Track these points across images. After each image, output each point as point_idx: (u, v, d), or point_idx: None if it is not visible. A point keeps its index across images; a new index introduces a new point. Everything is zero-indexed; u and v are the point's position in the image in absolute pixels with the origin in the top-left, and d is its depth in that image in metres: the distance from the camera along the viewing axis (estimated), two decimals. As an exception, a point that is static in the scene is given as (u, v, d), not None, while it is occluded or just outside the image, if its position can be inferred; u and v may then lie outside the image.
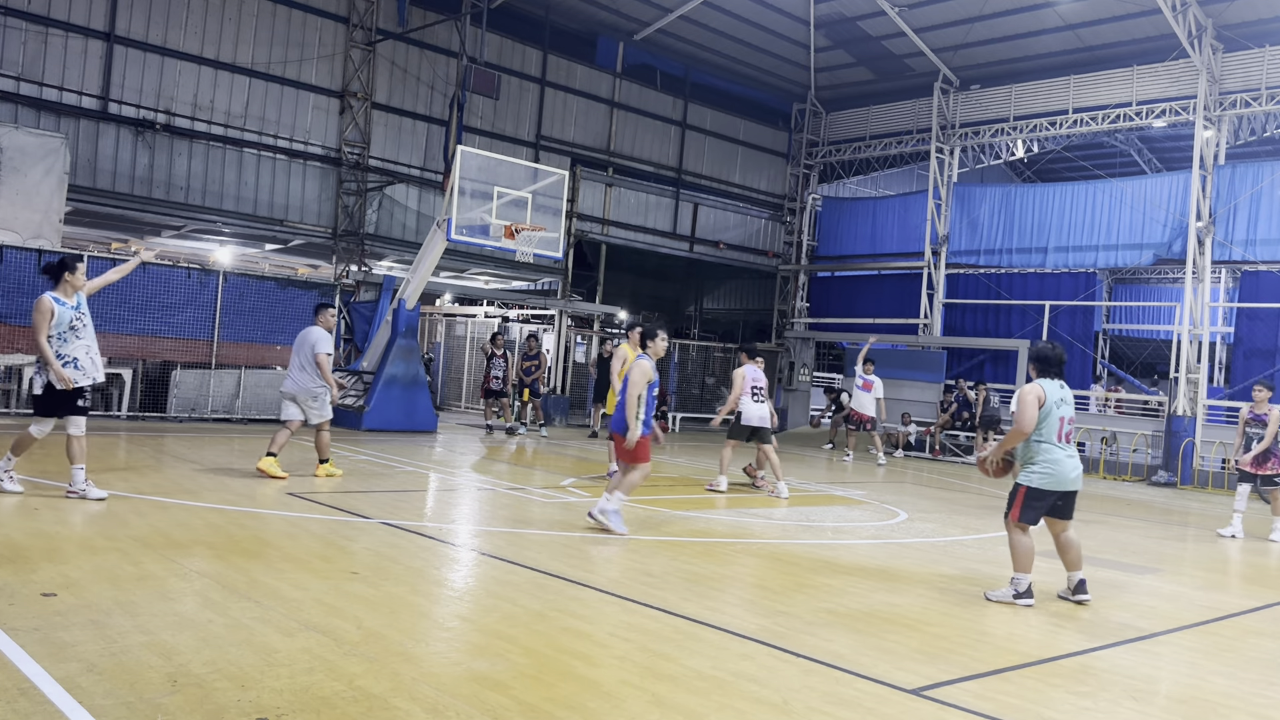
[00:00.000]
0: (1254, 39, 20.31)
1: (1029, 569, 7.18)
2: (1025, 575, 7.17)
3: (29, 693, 3.95)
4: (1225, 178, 20.54)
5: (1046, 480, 7.16)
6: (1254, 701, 5.23)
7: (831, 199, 29.57)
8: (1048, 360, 7.41)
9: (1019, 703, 4.85)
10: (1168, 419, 19.87)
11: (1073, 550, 7.35)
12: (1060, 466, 7.16)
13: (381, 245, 21.88)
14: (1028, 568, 7.18)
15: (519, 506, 10.17)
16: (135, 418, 15.57)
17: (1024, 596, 7.17)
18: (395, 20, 21.35)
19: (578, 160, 24.44)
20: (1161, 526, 12.87)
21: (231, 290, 16.51)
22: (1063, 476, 7.17)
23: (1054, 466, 7.15)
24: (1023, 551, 7.19)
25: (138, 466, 10.68)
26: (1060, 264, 23.34)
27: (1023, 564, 7.18)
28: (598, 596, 6.33)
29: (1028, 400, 7.17)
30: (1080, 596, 7.28)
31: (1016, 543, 7.24)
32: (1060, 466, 7.16)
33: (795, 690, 4.76)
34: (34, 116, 17.33)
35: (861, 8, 23.23)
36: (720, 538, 9.03)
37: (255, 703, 4.04)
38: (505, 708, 4.22)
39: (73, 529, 7.09)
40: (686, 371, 27.58)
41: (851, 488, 14.37)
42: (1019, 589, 7.17)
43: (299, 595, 5.75)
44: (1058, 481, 7.17)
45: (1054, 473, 7.15)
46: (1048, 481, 7.16)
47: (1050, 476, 7.15)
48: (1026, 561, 7.17)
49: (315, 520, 8.28)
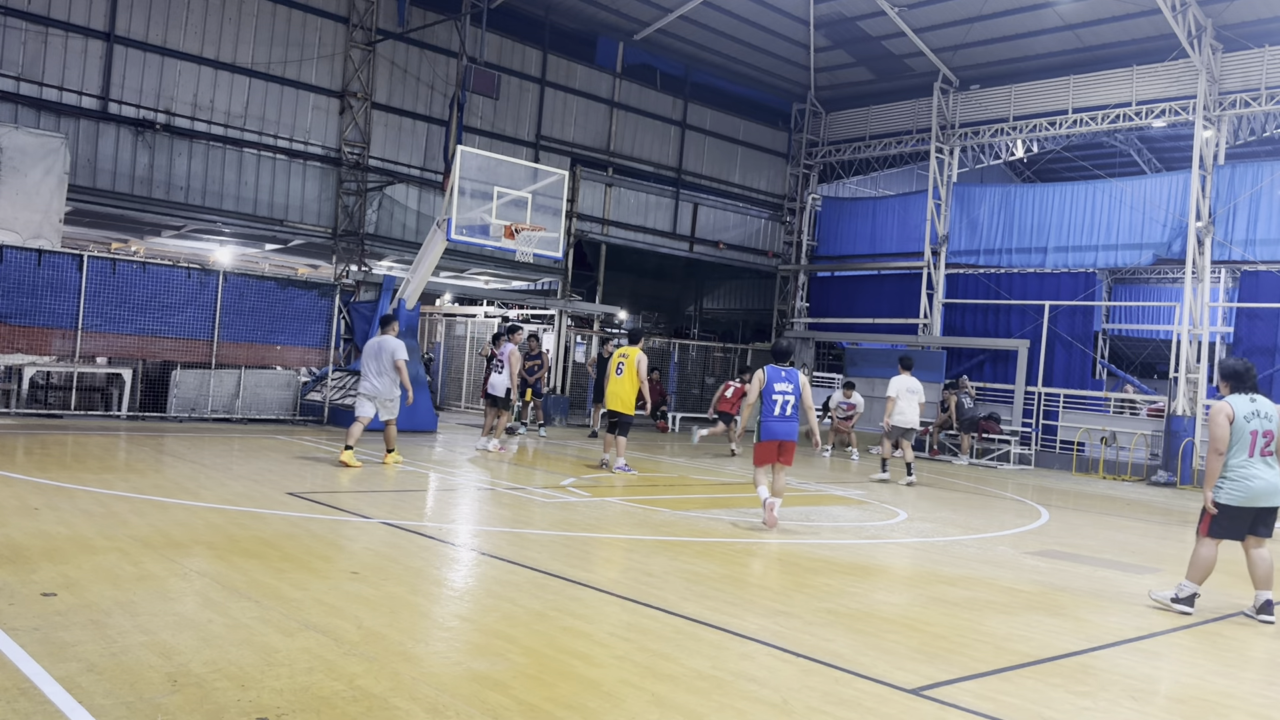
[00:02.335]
0: (1254, 39, 20.30)
1: (1199, 580, 7.19)
2: (1192, 584, 7.18)
3: (29, 693, 3.95)
4: (1225, 178, 20.54)
5: (1235, 497, 7.10)
6: (1254, 701, 5.23)
7: (831, 199, 29.57)
8: (1238, 375, 7.33)
9: (1019, 703, 4.85)
10: (1167, 419, 19.87)
11: (1261, 567, 7.25)
12: (1253, 483, 7.08)
13: (381, 245, 21.87)
14: (1198, 579, 7.18)
15: (519, 506, 10.17)
16: (135, 418, 15.57)
17: (1181, 603, 7.19)
18: (395, 20, 21.35)
19: (578, 160, 24.44)
20: (1161, 526, 12.88)
21: (231, 290, 16.51)
22: (1255, 492, 7.09)
23: (1246, 482, 7.07)
24: (1198, 562, 7.19)
25: (138, 466, 10.68)
26: (1060, 264, 23.34)
27: (1194, 574, 7.20)
28: (598, 596, 6.34)
29: (1218, 420, 7.12)
30: (1264, 617, 7.14)
31: (1196, 552, 7.24)
32: (1253, 483, 7.08)
33: (795, 690, 4.76)
34: (34, 116, 17.33)
35: (861, 8, 23.23)
36: (720, 538, 9.03)
37: (255, 702, 4.04)
38: (505, 708, 4.22)
39: (73, 529, 7.09)
40: (686, 371, 27.58)
41: (851, 488, 14.37)
42: (1179, 594, 7.22)
43: (299, 595, 5.75)
44: (1250, 497, 7.09)
45: (1246, 489, 7.07)
46: (1237, 498, 7.09)
47: (1241, 493, 7.08)
48: (1198, 573, 7.18)
49: (315, 520, 8.28)
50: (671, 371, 26.70)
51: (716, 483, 13.70)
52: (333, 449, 13.61)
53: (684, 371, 27.39)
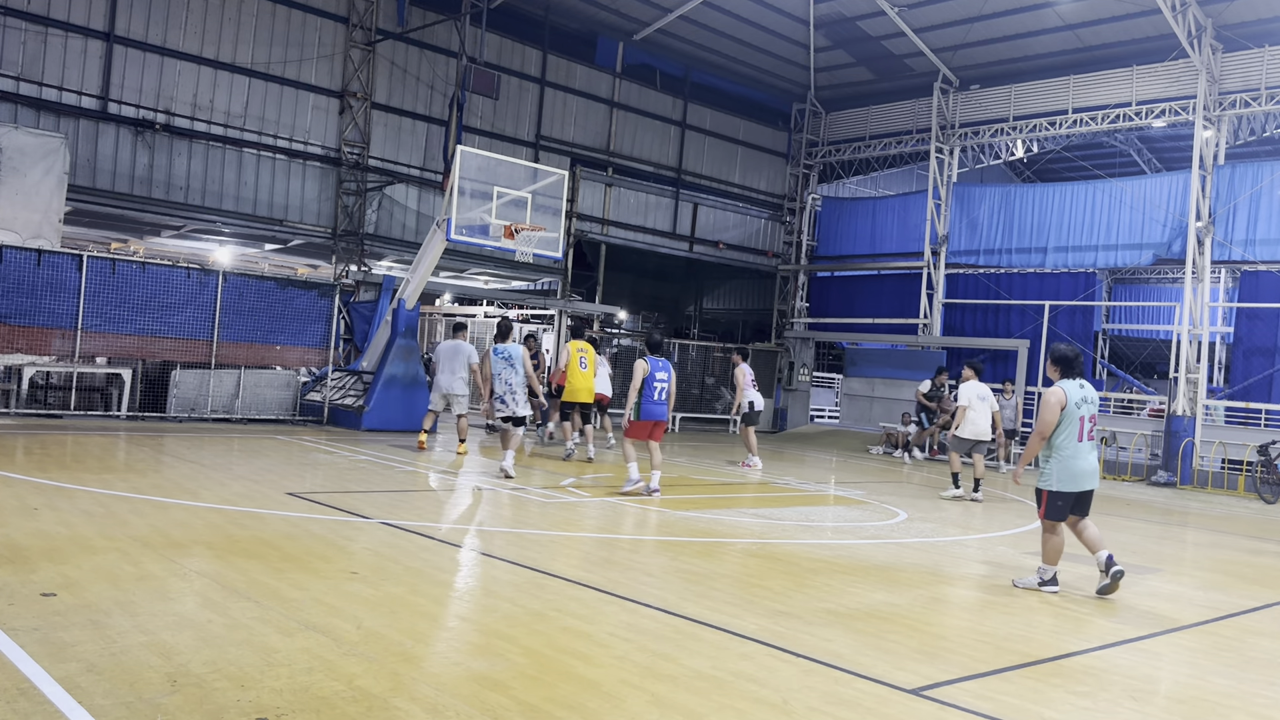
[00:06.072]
0: (1254, 39, 20.30)
1: (1055, 563, 7.50)
2: (1051, 567, 7.48)
3: (29, 693, 3.95)
4: (1225, 178, 20.54)
5: (1064, 482, 7.35)
6: (1254, 701, 5.23)
7: (831, 199, 29.57)
8: (1068, 361, 7.51)
9: (1019, 703, 4.85)
10: (1167, 419, 19.86)
11: (1090, 533, 7.52)
12: (1073, 464, 7.30)
13: (381, 245, 21.87)
14: (1053, 561, 7.50)
15: (519, 506, 10.16)
16: (135, 418, 15.57)
17: (1049, 584, 7.46)
18: (395, 20, 21.35)
19: (577, 160, 24.44)
20: (1161, 526, 12.87)
21: (231, 290, 16.50)
22: (1079, 474, 7.33)
23: (1073, 462, 7.31)
24: (1050, 548, 7.50)
25: (137, 466, 10.67)
26: (1060, 264, 23.33)
27: (1049, 558, 7.51)
28: (598, 596, 6.33)
29: (1050, 404, 7.31)
30: (1115, 569, 7.34)
31: (1045, 540, 7.53)
32: (1073, 464, 7.30)
33: (795, 690, 4.76)
34: (34, 116, 17.33)
35: (861, 8, 23.22)
36: (720, 538, 9.03)
37: (255, 702, 4.04)
38: (505, 708, 4.22)
39: (73, 529, 7.08)
40: (686, 371, 27.56)
41: (851, 488, 14.37)
42: (1043, 577, 7.50)
43: (299, 595, 5.75)
44: (1074, 480, 7.34)
45: (1068, 473, 7.32)
46: (1066, 483, 7.35)
47: (1064, 478, 7.34)
48: (1053, 556, 7.50)
49: (315, 520, 8.27)
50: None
51: (716, 482, 13.70)
52: (332, 449, 13.62)
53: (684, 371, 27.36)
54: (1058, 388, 7.39)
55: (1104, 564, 7.40)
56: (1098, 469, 7.53)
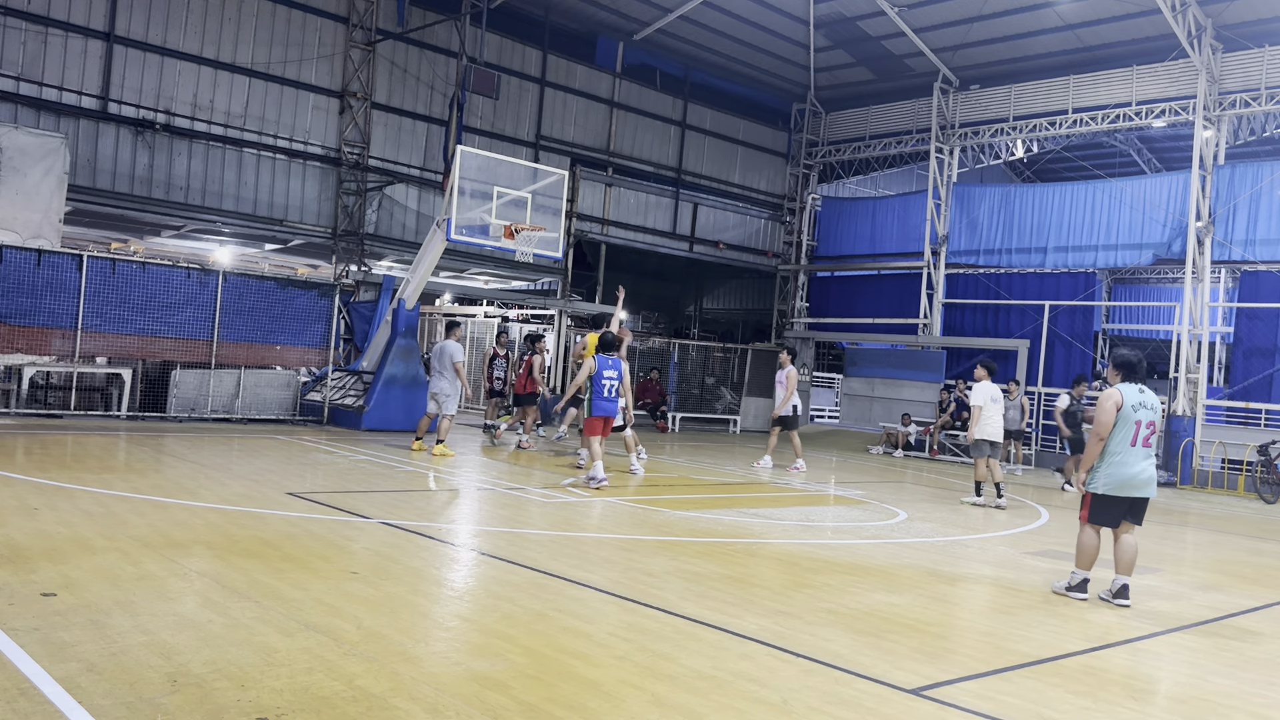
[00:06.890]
0: (1253, 39, 20.30)
1: (1086, 567, 7.36)
2: (1081, 571, 7.37)
3: (29, 693, 3.95)
4: (1225, 178, 20.54)
5: (1110, 485, 7.23)
6: (1254, 701, 5.23)
7: (831, 199, 29.57)
8: (1130, 366, 7.42)
9: (1019, 703, 4.85)
10: (1167, 419, 19.87)
11: (1126, 554, 7.35)
12: (1122, 470, 7.18)
13: (381, 245, 21.87)
14: (1085, 566, 7.36)
15: (519, 506, 10.17)
16: (135, 418, 15.57)
17: (1075, 590, 7.36)
18: (395, 20, 21.34)
19: (577, 160, 24.44)
20: (1161, 527, 12.87)
21: (231, 290, 16.50)
22: (1128, 480, 7.19)
23: (1122, 469, 7.18)
24: (1083, 548, 7.38)
25: (137, 466, 10.67)
26: (1060, 264, 23.33)
27: (1081, 562, 7.38)
28: (598, 596, 6.33)
29: (1105, 405, 7.22)
30: (1120, 601, 7.26)
31: (1080, 538, 7.42)
32: (1122, 470, 7.18)
33: (795, 690, 4.76)
34: (34, 116, 17.32)
35: (861, 8, 23.22)
36: (720, 538, 9.03)
37: (255, 702, 4.04)
38: (505, 708, 4.22)
39: (72, 529, 7.08)
40: (686, 371, 27.56)
41: (851, 488, 14.37)
42: (1071, 582, 7.41)
43: (299, 595, 5.75)
44: (1120, 487, 7.20)
45: (1115, 477, 7.20)
46: (1112, 487, 7.22)
47: (1115, 481, 7.21)
48: (1085, 559, 7.36)
49: (315, 520, 8.27)
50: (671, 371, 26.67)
51: (717, 483, 13.70)
52: (333, 449, 13.62)
53: (684, 371, 27.36)
54: (1114, 389, 7.28)
55: (1116, 589, 7.30)
56: (1154, 477, 7.31)
